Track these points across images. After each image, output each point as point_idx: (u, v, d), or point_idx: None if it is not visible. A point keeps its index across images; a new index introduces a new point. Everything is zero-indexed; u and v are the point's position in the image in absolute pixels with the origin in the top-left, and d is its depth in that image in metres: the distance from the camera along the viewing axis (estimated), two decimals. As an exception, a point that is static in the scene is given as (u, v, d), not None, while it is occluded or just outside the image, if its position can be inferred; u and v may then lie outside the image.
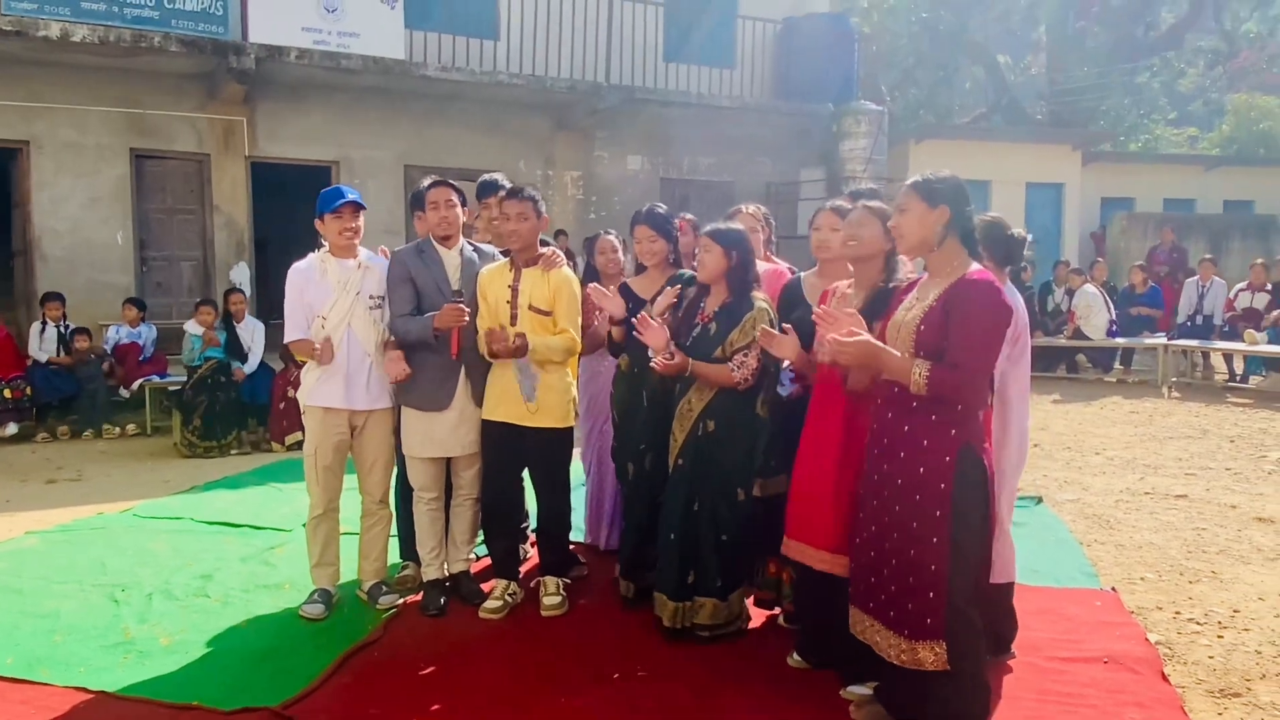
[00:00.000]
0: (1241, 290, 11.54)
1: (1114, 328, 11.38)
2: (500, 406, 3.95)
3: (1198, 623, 3.95)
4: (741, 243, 3.66)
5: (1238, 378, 10.99)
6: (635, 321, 3.73)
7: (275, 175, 11.15)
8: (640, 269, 4.35)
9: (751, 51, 13.42)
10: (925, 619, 2.76)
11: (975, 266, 2.85)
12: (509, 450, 4.00)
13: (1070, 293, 11.63)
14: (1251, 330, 10.68)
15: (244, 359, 8.20)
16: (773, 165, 13.84)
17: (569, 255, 8.38)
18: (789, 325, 3.46)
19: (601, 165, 12.91)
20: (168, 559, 4.82)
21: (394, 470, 4.29)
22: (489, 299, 3.96)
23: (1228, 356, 11.12)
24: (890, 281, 3.27)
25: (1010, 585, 3.54)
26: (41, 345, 8.52)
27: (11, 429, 8.10)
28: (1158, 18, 20.97)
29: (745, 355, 3.55)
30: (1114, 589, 4.34)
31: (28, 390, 8.24)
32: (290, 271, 4.01)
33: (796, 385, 3.56)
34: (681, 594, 3.66)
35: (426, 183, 4.13)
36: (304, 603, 4.04)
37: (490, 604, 3.99)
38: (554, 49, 11.88)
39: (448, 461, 4.13)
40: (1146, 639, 3.75)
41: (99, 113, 10.04)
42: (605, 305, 4.12)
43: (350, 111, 11.21)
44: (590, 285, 4.15)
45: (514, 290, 3.93)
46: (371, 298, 4.02)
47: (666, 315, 3.86)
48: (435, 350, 3.97)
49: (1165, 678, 3.40)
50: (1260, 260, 11.91)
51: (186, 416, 7.72)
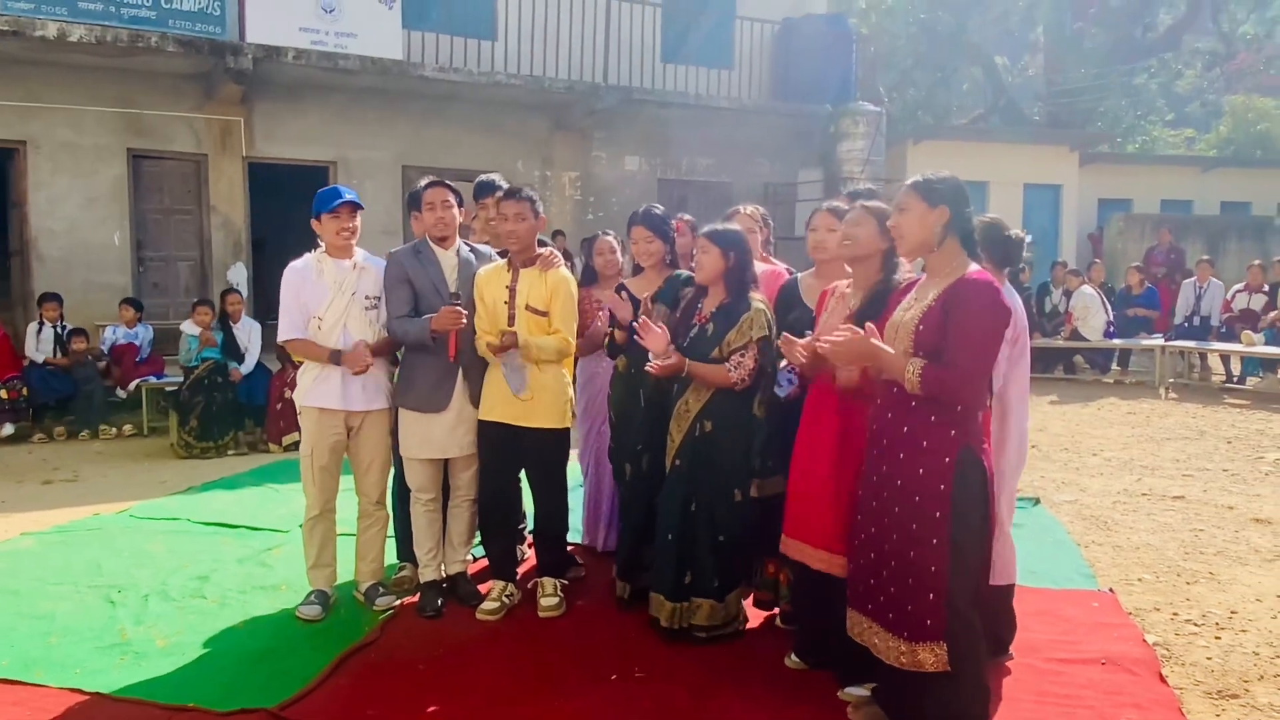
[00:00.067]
0: (1239, 291, 11.54)
1: (1111, 329, 11.39)
2: (497, 407, 3.95)
3: (1195, 624, 3.95)
4: (739, 243, 3.67)
5: (1235, 379, 11.00)
6: (635, 325, 3.73)
7: (272, 176, 11.14)
8: (638, 270, 4.35)
9: (749, 52, 13.42)
10: (925, 621, 2.75)
11: (974, 267, 2.84)
12: (506, 451, 4.00)
13: (1068, 294, 11.64)
14: (1249, 331, 10.69)
15: (241, 359, 8.18)
16: (770, 166, 13.85)
17: (566, 256, 8.39)
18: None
19: (599, 166, 12.91)
20: (164, 560, 4.81)
21: (391, 471, 4.28)
22: (486, 300, 3.96)
23: (1225, 358, 11.13)
24: (889, 281, 3.27)
25: (1010, 587, 3.55)
26: (38, 346, 8.50)
27: (8, 430, 8.08)
28: (1155, 19, 20.98)
29: (742, 355, 3.55)
30: (1111, 590, 4.34)
31: (24, 391, 8.22)
32: (286, 270, 3.99)
33: (795, 386, 3.56)
34: (678, 594, 3.65)
35: (423, 183, 4.13)
36: (301, 604, 4.03)
37: (487, 605, 3.99)
38: (552, 49, 11.87)
39: (445, 463, 4.12)
40: (1144, 640, 3.75)
41: (96, 113, 10.04)
42: (617, 312, 4.10)
43: (348, 112, 11.20)
44: (605, 293, 4.13)
45: (511, 291, 3.93)
46: (367, 298, 4.01)
47: (663, 313, 3.86)
48: (433, 352, 3.97)
49: (1163, 679, 3.41)
50: (1257, 261, 11.92)
51: (183, 417, 7.71)
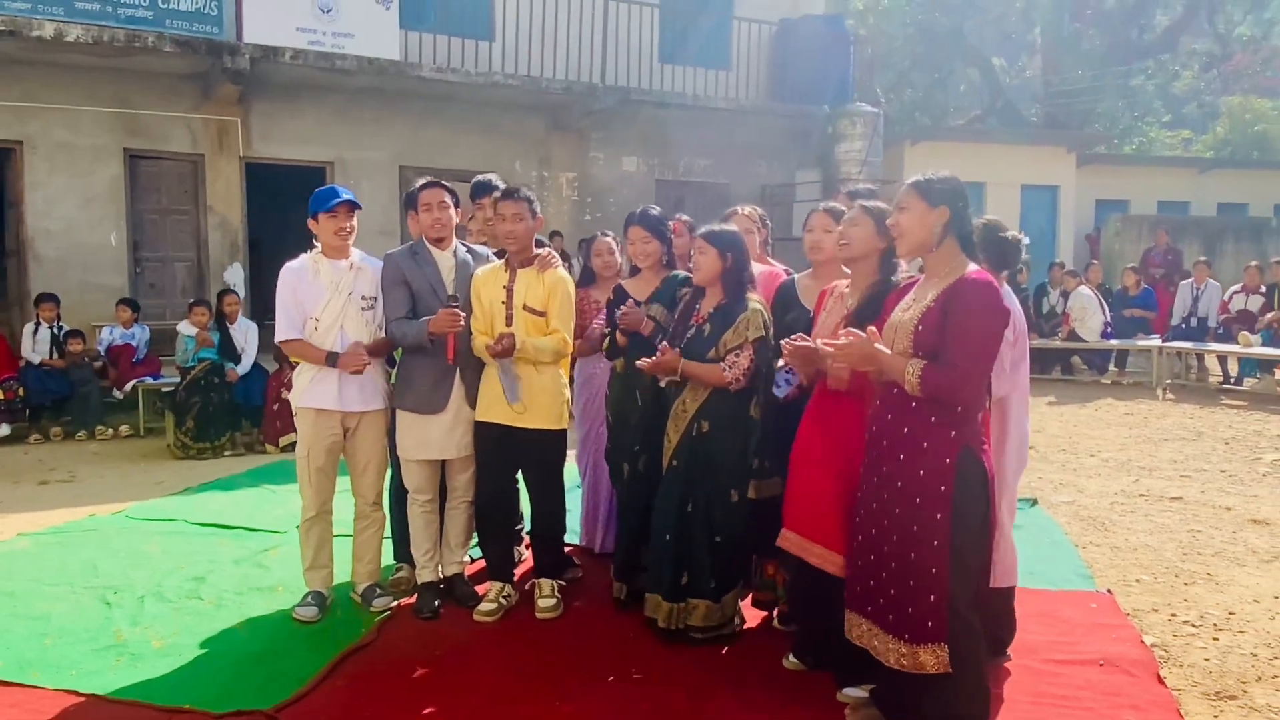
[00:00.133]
0: (1236, 292, 11.56)
1: (1109, 330, 11.40)
2: (493, 408, 3.94)
3: (1193, 625, 3.95)
4: (736, 244, 3.66)
5: (1232, 380, 11.00)
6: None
7: (270, 176, 11.12)
8: (635, 270, 4.35)
9: (747, 53, 13.41)
10: (926, 622, 2.74)
11: (974, 267, 2.84)
12: (503, 452, 3.99)
13: (1065, 295, 11.65)
14: (1246, 332, 10.71)
15: (237, 360, 8.16)
16: (768, 167, 13.85)
17: (564, 256, 8.38)
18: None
19: (597, 166, 12.90)
20: (160, 561, 4.80)
21: (388, 472, 4.27)
22: (484, 301, 3.96)
23: (1222, 358, 11.14)
24: (886, 282, 3.27)
25: (1011, 589, 3.54)
26: (34, 346, 8.48)
27: (4, 430, 8.05)
28: (1152, 20, 21.04)
29: (737, 355, 3.55)
30: (1109, 591, 4.34)
31: (20, 391, 8.19)
32: (283, 271, 3.97)
33: (793, 387, 3.56)
34: (675, 595, 3.65)
35: (419, 184, 4.12)
36: (297, 605, 4.02)
37: (485, 606, 3.98)
38: (549, 50, 11.86)
39: (442, 464, 4.12)
40: (1142, 641, 3.74)
41: (93, 113, 10.01)
42: (638, 329, 3.98)
43: (345, 112, 11.19)
44: (625, 306, 4.00)
45: (509, 291, 3.93)
46: (364, 299, 4.00)
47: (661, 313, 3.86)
48: (431, 354, 3.96)
49: (1161, 680, 3.40)
50: (1254, 262, 11.93)
51: (180, 418, 7.70)
